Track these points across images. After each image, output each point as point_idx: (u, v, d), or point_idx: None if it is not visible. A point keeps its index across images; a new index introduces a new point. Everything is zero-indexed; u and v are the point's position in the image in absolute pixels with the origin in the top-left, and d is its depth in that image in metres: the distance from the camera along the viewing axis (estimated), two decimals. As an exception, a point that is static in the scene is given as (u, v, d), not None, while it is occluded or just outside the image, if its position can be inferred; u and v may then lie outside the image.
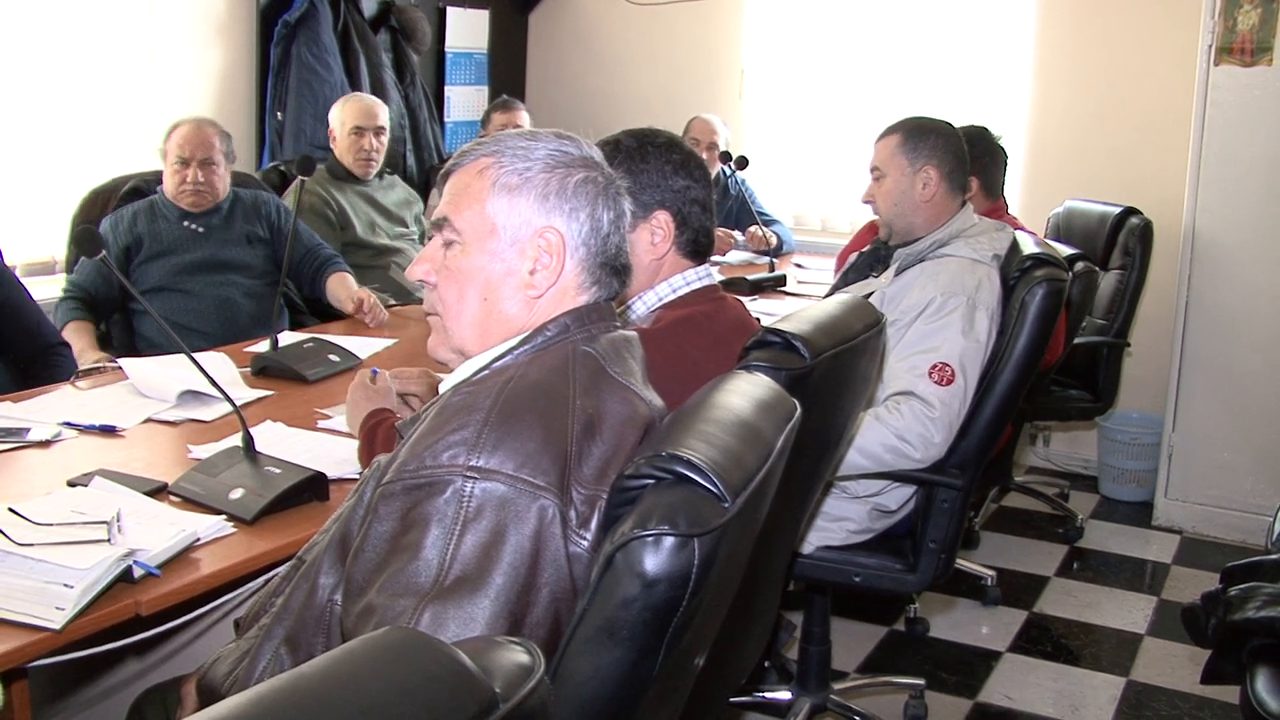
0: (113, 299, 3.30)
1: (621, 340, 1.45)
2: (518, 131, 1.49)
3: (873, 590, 2.66)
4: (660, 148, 2.02)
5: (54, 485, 1.95)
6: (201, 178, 3.37)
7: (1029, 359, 2.58)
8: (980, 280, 2.61)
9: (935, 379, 2.50)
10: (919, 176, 2.75)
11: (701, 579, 1.11)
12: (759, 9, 5.29)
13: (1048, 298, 2.56)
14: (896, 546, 2.65)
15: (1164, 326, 4.37)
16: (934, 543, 2.58)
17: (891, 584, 2.63)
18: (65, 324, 3.18)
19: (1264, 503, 4.07)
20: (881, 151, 2.79)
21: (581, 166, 1.44)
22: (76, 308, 3.22)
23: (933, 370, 2.50)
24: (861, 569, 2.61)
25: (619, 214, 1.46)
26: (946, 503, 2.56)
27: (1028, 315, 2.56)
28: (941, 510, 2.57)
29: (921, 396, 2.50)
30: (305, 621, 1.38)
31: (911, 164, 2.75)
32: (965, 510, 2.61)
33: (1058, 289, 2.59)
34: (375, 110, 4.08)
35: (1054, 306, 2.58)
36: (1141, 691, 3.17)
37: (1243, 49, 3.95)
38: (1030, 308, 2.56)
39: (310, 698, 0.72)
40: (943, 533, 2.57)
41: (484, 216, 1.41)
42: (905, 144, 2.77)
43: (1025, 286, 2.59)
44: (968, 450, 2.57)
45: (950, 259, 2.65)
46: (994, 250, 2.67)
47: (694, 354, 1.95)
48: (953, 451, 2.56)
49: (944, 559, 2.60)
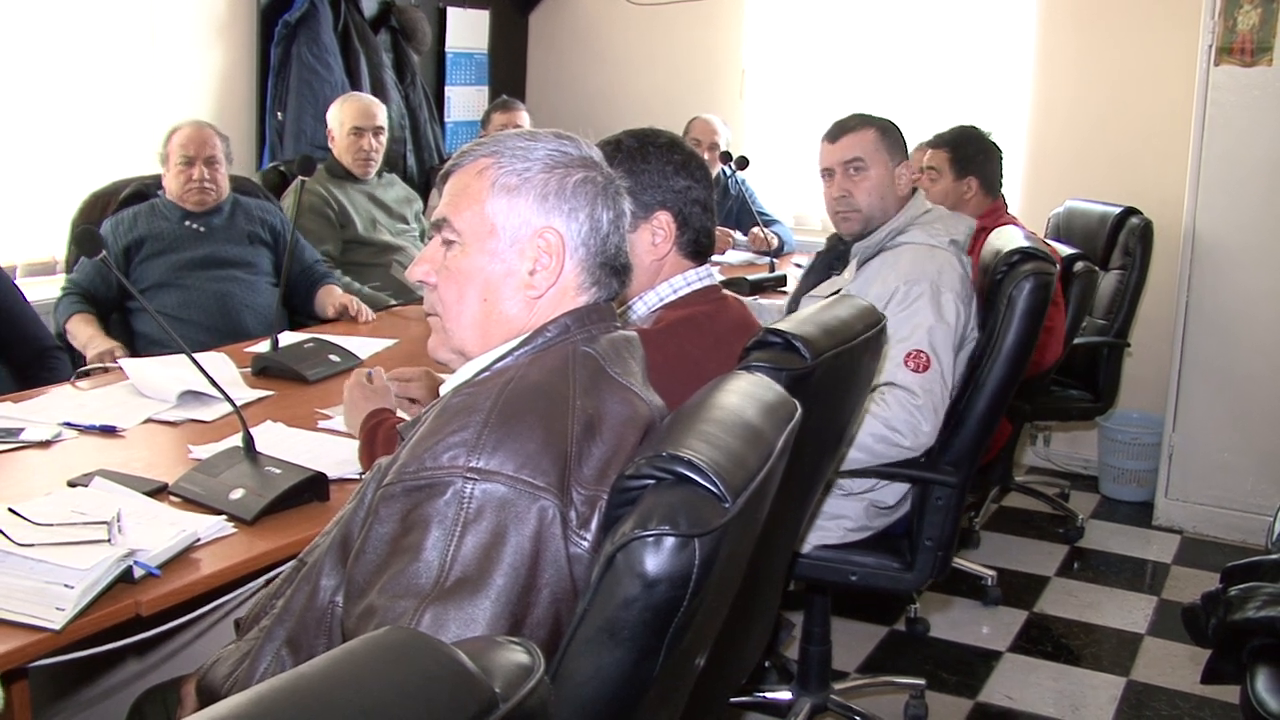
0: (111, 299, 3.30)
1: (622, 340, 1.45)
2: (517, 132, 1.48)
3: (870, 589, 2.66)
4: (661, 148, 2.02)
5: (54, 485, 1.95)
6: (207, 175, 3.40)
7: (1018, 353, 2.56)
8: (941, 265, 2.61)
9: (911, 366, 2.52)
10: (899, 170, 2.77)
11: (702, 579, 1.11)
12: (760, 9, 5.29)
13: (1035, 291, 2.55)
14: (894, 545, 2.65)
15: (1164, 326, 4.37)
16: (930, 540, 2.58)
17: (888, 582, 2.63)
18: (68, 317, 3.19)
19: (1264, 503, 4.07)
20: (863, 145, 2.78)
21: (581, 166, 1.44)
22: (77, 302, 3.23)
23: (908, 359, 2.52)
24: (858, 567, 2.61)
25: (618, 214, 1.46)
26: (941, 500, 2.56)
27: (1015, 310, 2.55)
28: (936, 508, 2.56)
29: (903, 385, 2.51)
30: (306, 623, 1.38)
31: (892, 158, 2.78)
32: (961, 508, 2.61)
33: (1044, 282, 2.58)
34: (374, 110, 4.08)
35: (1041, 300, 2.57)
36: (1142, 691, 3.17)
37: (1243, 49, 3.95)
38: (1018, 302, 2.55)
39: (310, 697, 0.72)
40: (939, 530, 2.57)
41: (483, 217, 1.41)
42: (884, 138, 2.78)
43: (1012, 281, 2.59)
44: (961, 447, 2.57)
45: (907, 247, 2.66)
46: (950, 235, 2.68)
47: (695, 354, 1.95)
48: (946, 448, 2.57)
49: (940, 557, 2.59)
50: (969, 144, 3.72)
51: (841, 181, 2.79)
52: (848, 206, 2.79)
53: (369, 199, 4.10)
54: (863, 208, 2.79)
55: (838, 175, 2.80)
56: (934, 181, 3.68)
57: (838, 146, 2.80)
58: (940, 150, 3.70)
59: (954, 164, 3.69)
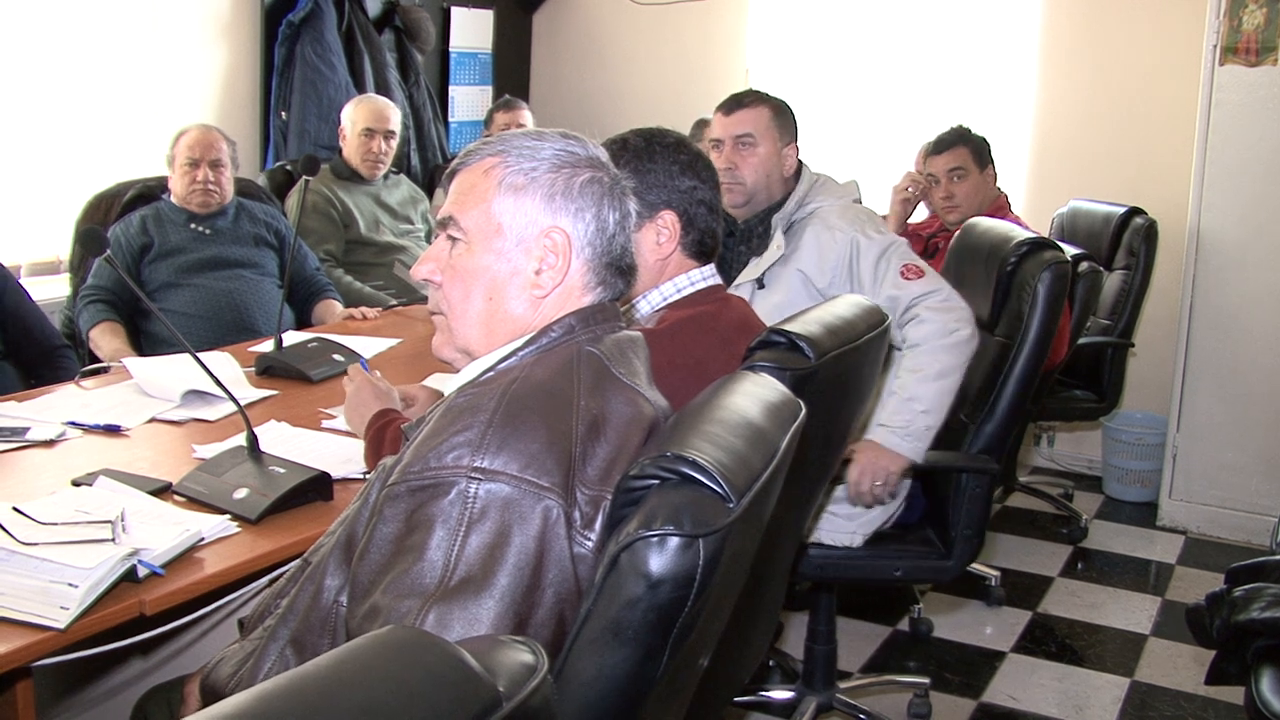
0: (131, 299, 3.31)
1: (626, 340, 1.45)
2: (523, 131, 1.48)
3: (914, 581, 2.77)
4: (668, 148, 2.02)
5: (58, 485, 1.95)
6: (211, 178, 3.42)
7: (1043, 341, 2.64)
8: (865, 212, 2.75)
9: (913, 276, 2.61)
10: (786, 151, 2.78)
11: (706, 579, 1.11)
12: (763, 9, 5.29)
13: (1056, 281, 2.64)
14: (922, 536, 2.71)
15: (1168, 327, 4.37)
16: (968, 529, 2.64)
17: (931, 573, 2.74)
18: (94, 325, 3.19)
19: (1269, 503, 4.07)
20: (755, 121, 2.77)
21: (588, 166, 1.44)
22: (105, 309, 3.24)
23: (905, 272, 2.60)
24: (900, 562, 2.66)
25: (624, 214, 1.46)
26: (978, 488, 2.61)
27: (1039, 299, 2.63)
28: (974, 496, 2.62)
29: (920, 293, 2.58)
30: (310, 623, 1.38)
31: (781, 138, 2.79)
32: (992, 493, 2.70)
33: (1063, 272, 2.67)
34: (387, 114, 4.10)
35: (1062, 290, 2.65)
36: (1146, 692, 3.17)
37: (1248, 49, 3.95)
38: (1040, 292, 2.63)
39: (314, 696, 0.72)
40: (976, 518, 2.64)
41: (489, 216, 1.41)
42: (777, 118, 2.80)
43: (1032, 270, 2.66)
44: (993, 435, 2.66)
45: (829, 207, 2.72)
46: (852, 196, 2.79)
47: (699, 354, 1.95)
48: (978, 437, 2.65)
49: (976, 543, 2.67)
50: (977, 138, 3.76)
51: (730, 154, 2.78)
52: (732, 179, 2.77)
53: (373, 200, 4.10)
54: (747, 182, 2.78)
55: (726, 147, 2.79)
56: (961, 179, 3.71)
57: (731, 120, 2.81)
58: (960, 149, 3.73)
59: (975, 158, 3.72)
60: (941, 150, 3.76)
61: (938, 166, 3.75)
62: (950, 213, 3.74)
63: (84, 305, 3.25)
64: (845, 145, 5.12)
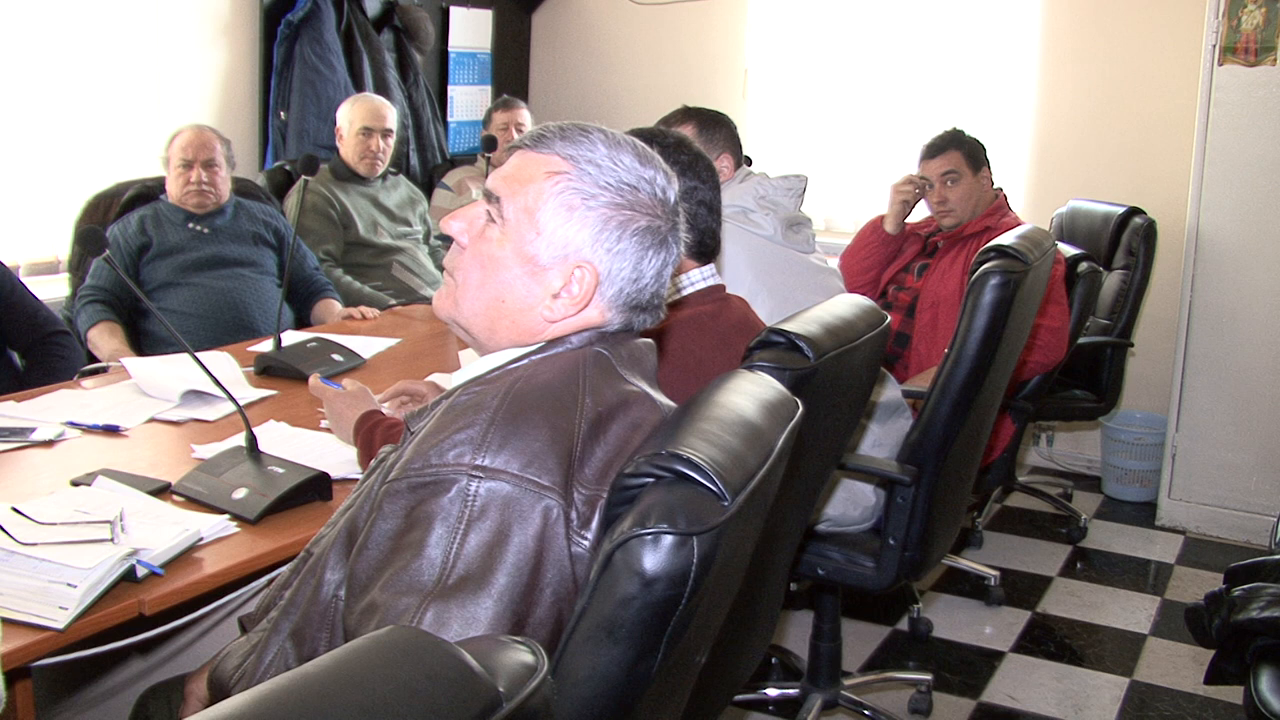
0: (129, 298, 3.31)
1: (637, 346, 1.45)
2: (605, 136, 1.39)
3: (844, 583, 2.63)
4: (668, 148, 2.02)
5: (57, 485, 1.95)
6: (205, 178, 3.42)
7: (980, 350, 2.47)
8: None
9: None
10: (718, 163, 2.71)
11: (700, 577, 1.11)
12: (762, 9, 5.29)
13: (996, 289, 2.46)
14: (872, 545, 2.62)
15: (1168, 326, 4.37)
16: (893, 540, 2.54)
17: (857, 579, 2.59)
18: (93, 325, 3.19)
19: (1268, 503, 4.07)
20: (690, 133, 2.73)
21: (647, 213, 1.38)
22: (103, 310, 3.24)
23: None
24: (827, 562, 2.60)
25: (665, 263, 1.41)
26: (902, 500, 2.53)
27: (974, 308, 2.47)
28: (897, 507, 2.53)
29: None
30: (310, 617, 1.38)
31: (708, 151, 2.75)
32: (929, 509, 2.55)
33: (1006, 280, 2.47)
34: (384, 112, 4.10)
35: (1001, 298, 2.47)
36: (1145, 692, 3.17)
37: (1247, 49, 3.95)
38: (980, 298, 2.47)
39: (314, 697, 0.72)
40: (902, 531, 2.53)
41: (533, 219, 1.36)
42: (701, 133, 2.78)
43: (980, 279, 2.50)
44: (927, 447, 2.51)
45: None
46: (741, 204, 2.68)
47: (699, 353, 1.95)
48: (909, 449, 2.53)
49: (908, 558, 2.55)
50: (971, 140, 3.74)
51: None
52: None
53: (371, 202, 4.10)
54: None
55: None
56: (955, 183, 3.67)
57: None
58: (953, 152, 3.69)
59: (969, 161, 3.69)
60: (934, 154, 3.73)
61: (931, 171, 3.72)
62: (945, 217, 3.70)
63: (83, 305, 3.25)
64: (845, 145, 5.12)
